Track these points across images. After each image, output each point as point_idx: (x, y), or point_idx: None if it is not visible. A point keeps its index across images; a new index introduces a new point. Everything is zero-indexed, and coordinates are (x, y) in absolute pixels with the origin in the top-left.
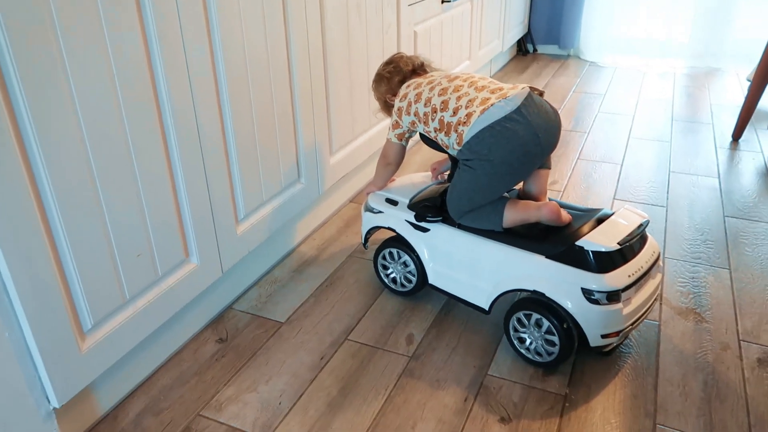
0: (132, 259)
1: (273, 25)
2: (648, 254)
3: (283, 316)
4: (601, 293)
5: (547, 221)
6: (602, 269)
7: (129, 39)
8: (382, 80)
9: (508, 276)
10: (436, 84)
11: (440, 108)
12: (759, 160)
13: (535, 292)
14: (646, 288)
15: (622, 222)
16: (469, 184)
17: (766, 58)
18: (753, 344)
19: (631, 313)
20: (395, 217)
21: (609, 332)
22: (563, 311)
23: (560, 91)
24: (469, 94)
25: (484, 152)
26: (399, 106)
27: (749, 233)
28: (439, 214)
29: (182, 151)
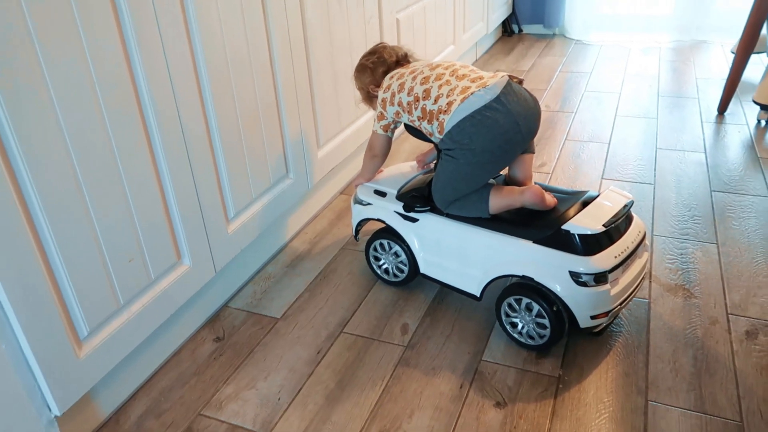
0: (124, 265)
1: (252, 20)
2: (634, 234)
3: (278, 312)
4: (589, 275)
5: (532, 205)
6: (589, 252)
7: (107, 45)
8: (365, 71)
9: (497, 262)
10: (418, 73)
11: (422, 96)
12: (744, 133)
13: (524, 277)
14: (633, 268)
15: (607, 204)
16: (453, 173)
17: (749, 30)
18: (741, 317)
19: (619, 294)
20: (384, 208)
21: (598, 313)
22: (552, 295)
23: (547, 71)
24: (450, 83)
25: (465, 141)
26: (383, 97)
27: (735, 207)
28: (427, 204)
29: (168, 154)
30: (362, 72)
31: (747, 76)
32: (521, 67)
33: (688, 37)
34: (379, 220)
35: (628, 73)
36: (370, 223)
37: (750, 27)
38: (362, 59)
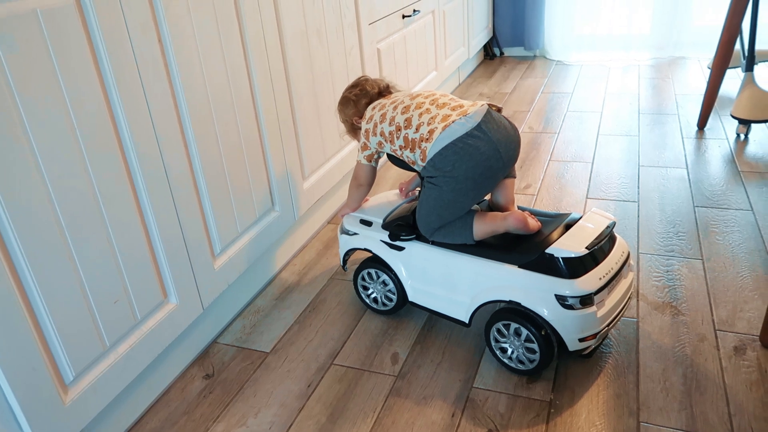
0: (109, 307)
1: (233, 59)
2: (617, 255)
3: (268, 346)
4: (575, 298)
5: (516, 230)
6: (573, 274)
7: (87, 91)
8: (348, 103)
9: (484, 288)
10: (399, 103)
11: (404, 126)
12: (724, 147)
13: (511, 302)
14: (619, 288)
15: (589, 226)
16: (436, 201)
17: (722, 47)
18: (728, 333)
19: (605, 315)
20: (370, 237)
21: (586, 335)
22: (540, 319)
23: (529, 92)
24: (431, 111)
25: (447, 168)
26: (366, 128)
27: (719, 221)
28: (412, 232)
29: (151, 194)
30: (345, 104)
31: (726, 91)
32: (504, 89)
33: (666, 54)
34: (365, 250)
35: (609, 91)
36: (358, 252)
37: (723, 44)
38: (345, 92)
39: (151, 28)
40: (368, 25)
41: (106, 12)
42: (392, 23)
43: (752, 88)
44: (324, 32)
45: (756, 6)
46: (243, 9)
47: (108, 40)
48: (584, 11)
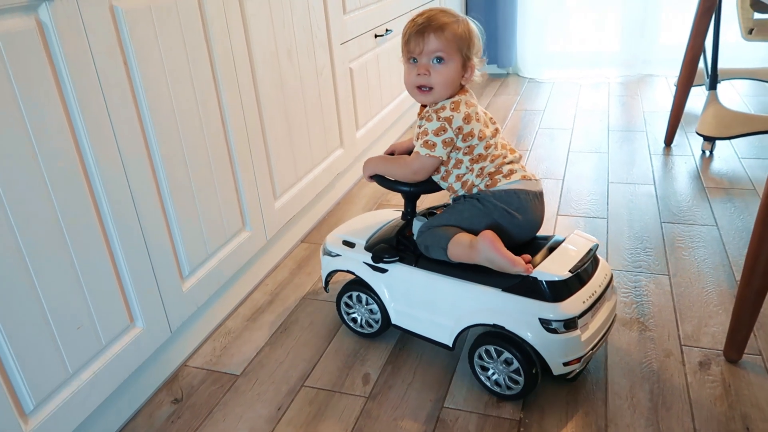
0: (72, 333)
1: (201, 81)
2: (601, 277)
3: (238, 369)
4: (559, 322)
5: (488, 253)
6: (557, 298)
7: (49, 116)
8: (480, 54)
9: (468, 311)
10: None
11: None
12: (690, 164)
13: (495, 325)
14: (603, 311)
15: (572, 248)
16: (470, 215)
17: (687, 64)
18: (694, 348)
19: (589, 338)
20: (353, 259)
21: (570, 359)
22: (524, 343)
23: (502, 110)
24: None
25: (514, 205)
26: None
27: (685, 237)
28: (395, 254)
29: (117, 218)
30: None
31: (692, 108)
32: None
33: (635, 71)
34: (348, 272)
35: (580, 108)
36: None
37: (687, 63)
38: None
39: (116, 52)
40: (340, 45)
41: (69, 36)
42: (364, 43)
43: (716, 106)
44: (295, 53)
45: (717, 26)
46: (211, 31)
47: (71, 64)
48: (555, 29)
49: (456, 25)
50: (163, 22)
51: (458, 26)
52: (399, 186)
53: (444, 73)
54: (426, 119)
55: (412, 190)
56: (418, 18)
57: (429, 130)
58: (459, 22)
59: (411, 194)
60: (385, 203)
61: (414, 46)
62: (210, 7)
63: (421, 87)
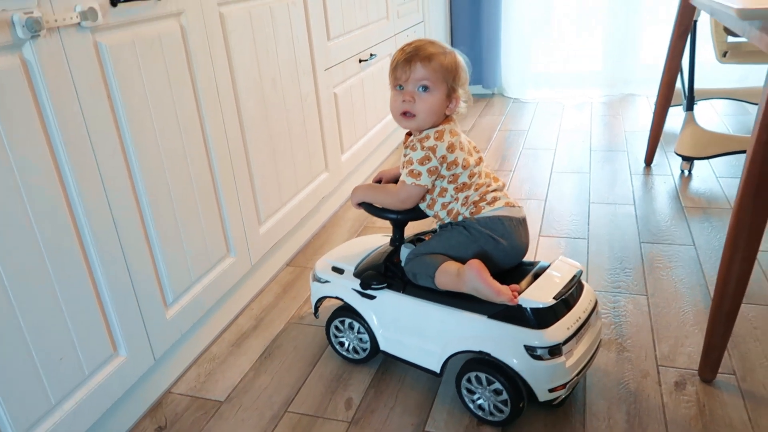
0: (55, 364)
1: (185, 110)
2: (585, 303)
3: (222, 395)
4: (543, 349)
5: (474, 282)
6: (542, 325)
7: (33, 150)
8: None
9: (454, 338)
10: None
11: (467, 186)
12: (669, 183)
13: (481, 352)
14: (588, 337)
15: (556, 275)
16: (457, 243)
17: (664, 86)
18: (670, 368)
19: (574, 364)
20: (342, 286)
21: (555, 386)
22: (510, 369)
23: (487, 130)
24: (489, 176)
25: (498, 231)
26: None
27: (663, 257)
28: (383, 281)
29: (100, 248)
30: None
31: (672, 128)
32: (463, 127)
33: (617, 91)
34: (337, 298)
35: (563, 128)
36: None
37: (664, 85)
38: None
39: (100, 87)
40: (324, 71)
41: (53, 73)
42: (349, 68)
43: (693, 127)
44: (279, 80)
45: (693, 50)
46: (195, 62)
47: (55, 100)
48: (539, 50)
49: (443, 56)
50: (147, 55)
51: (445, 57)
52: (387, 213)
53: (428, 101)
54: (411, 148)
55: (400, 218)
56: (407, 47)
57: (414, 159)
58: (446, 54)
59: (399, 221)
60: (371, 226)
61: (401, 74)
62: (193, 38)
63: (406, 113)
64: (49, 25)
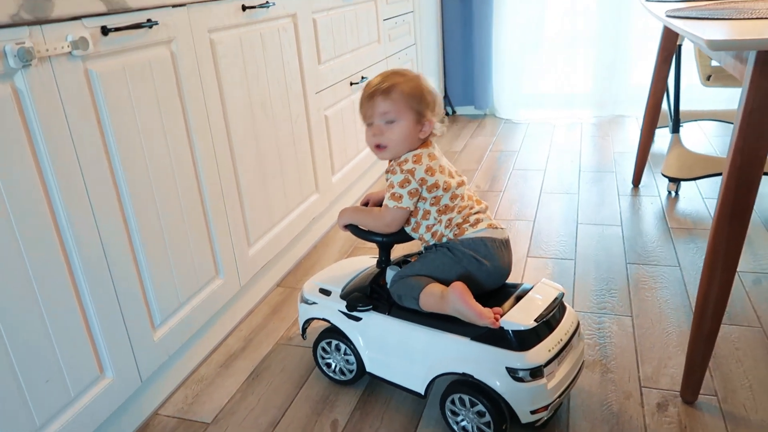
0: (40, 386)
1: (174, 134)
2: (567, 325)
3: (209, 417)
4: (525, 371)
5: (457, 305)
6: (523, 347)
7: (22, 173)
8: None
9: (438, 360)
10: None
11: (449, 209)
12: (657, 204)
13: (464, 374)
14: (570, 358)
15: (538, 297)
16: (441, 264)
17: (649, 109)
18: (653, 390)
19: (556, 386)
20: (329, 307)
21: (537, 407)
22: (492, 391)
23: (478, 151)
24: (472, 200)
25: (481, 252)
26: (429, 165)
27: (648, 278)
28: (369, 303)
29: (87, 270)
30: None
31: (661, 149)
32: (454, 148)
33: (607, 112)
34: (324, 320)
35: (553, 149)
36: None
37: (650, 108)
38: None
39: (90, 113)
40: (315, 94)
41: (44, 101)
42: (339, 91)
43: (679, 149)
44: (269, 103)
45: (678, 74)
46: (185, 87)
47: (45, 126)
48: (530, 71)
49: (404, 84)
50: (137, 81)
51: (407, 85)
52: (372, 236)
53: (396, 131)
54: (391, 172)
55: (385, 240)
56: (371, 82)
57: (394, 182)
58: (408, 81)
59: (384, 244)
60: (361, 247)
61: (366, 110)
62: (184, 64)
63: (378, 145)
64: (41, 55)
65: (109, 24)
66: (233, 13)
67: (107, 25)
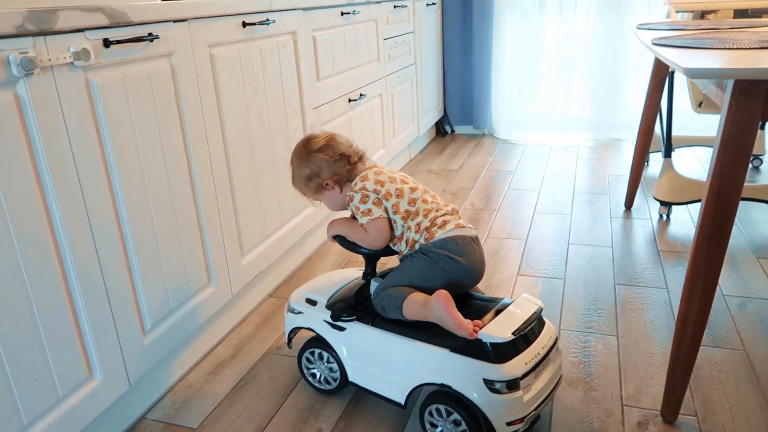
0: (29, 385)
1: (171, 144)
2: (545, 340)
3: (195, 422)
4: (501, 383)
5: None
6: (500, 359)
7: (19, 176)
8: (322, 165)
9: (418, 370)
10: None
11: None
12: (648, 227)
13: (442, 385)
14: (547, 372)
15: (517, 311)
16: (418, 269)
17: (642, 134)
18: (634, 408)
19: (532, 399)
20: (314, 317)
21: (513, 419)
22: (469, 402)
23: (474, 170)
24: (437, 203)
25: (454, 250)
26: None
27: (636, 299)
28: (353, 313)
29: (80, 272)
30: (319, 168)
31: (655, 173)
32: (451, 166)
33: (604, 135)
34: (309, 329)
35: (549, 171)
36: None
37: (642, 133)
38: (321, 155)
39: (89, 121)
40: (313, 109)
41: (44, 108)
42: (337, 107)
43: (670, 173)
44: (266, 118)
45: (671, 100)
46: (183, 99)
47: (44, 132)
48: (529, 93)
49: (296, 170)
50: (136, 92)
51: (297, 171)
52: (359, 248)
53: (324, 203)
54: (349, 199)
55: (371, 252)
56: None
57: (357, 204)
58: (294, 167)
59: (370, 256)
60: (354, 259)
61: None
62: (183, 77)
63: None
64: (43, 64)
65: (111, 36)
66: (233, 29)
67: (109, 38)
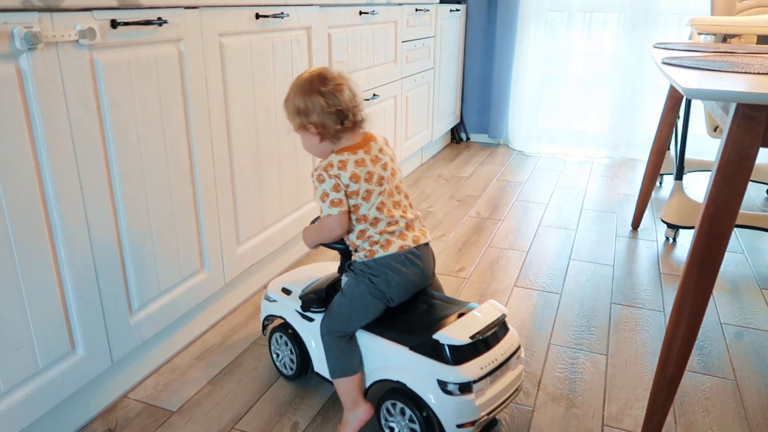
0: (9, 353)
1: (173, 130)
2: (505, 346)
3: (175, 405)
4: (454, 384)
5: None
6: (456, 361)
7: (15, 149)
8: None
9: (378, 366)
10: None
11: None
12: (652, 249)
13: (398, 382)
14: (504, 379)
15: (479, 316)
16: (360, 296)
17: (654, 154)
18: (614, 429)
19: (485, 404)
20: (287, 306)
21: (464, 422)
22: (422, 401)
23: (484, 179)
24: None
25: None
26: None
27: (631, 320)
28: (323, 305)
29: (69, 245)
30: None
31: (666, 195)
32: (462, 173)
33: (620, 154)
34: (281, 318)
35: (560, 185)
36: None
37: (654, 153)
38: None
39: (90, 100)
40: None
41: (45, 83)
42: None
43: (680, 196)
44: (273, 110)
45: (686, 122)
46: (189, 87)
47: (44, 108)
48: (547, 105)
49: (292, 96)
50: (141, 75)
51: (292, 97)
52: (335, 245)
53: (302, 141)
54: (320, 180)
55: (343, 248)
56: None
57: (327, 189)
58: (290, 90)
59: (345, 251)
60: None
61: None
62: (190, 64)
63: None
64: (47, 40)
65: (119, 18)
66: (246, 20)
67: (117, 19)
